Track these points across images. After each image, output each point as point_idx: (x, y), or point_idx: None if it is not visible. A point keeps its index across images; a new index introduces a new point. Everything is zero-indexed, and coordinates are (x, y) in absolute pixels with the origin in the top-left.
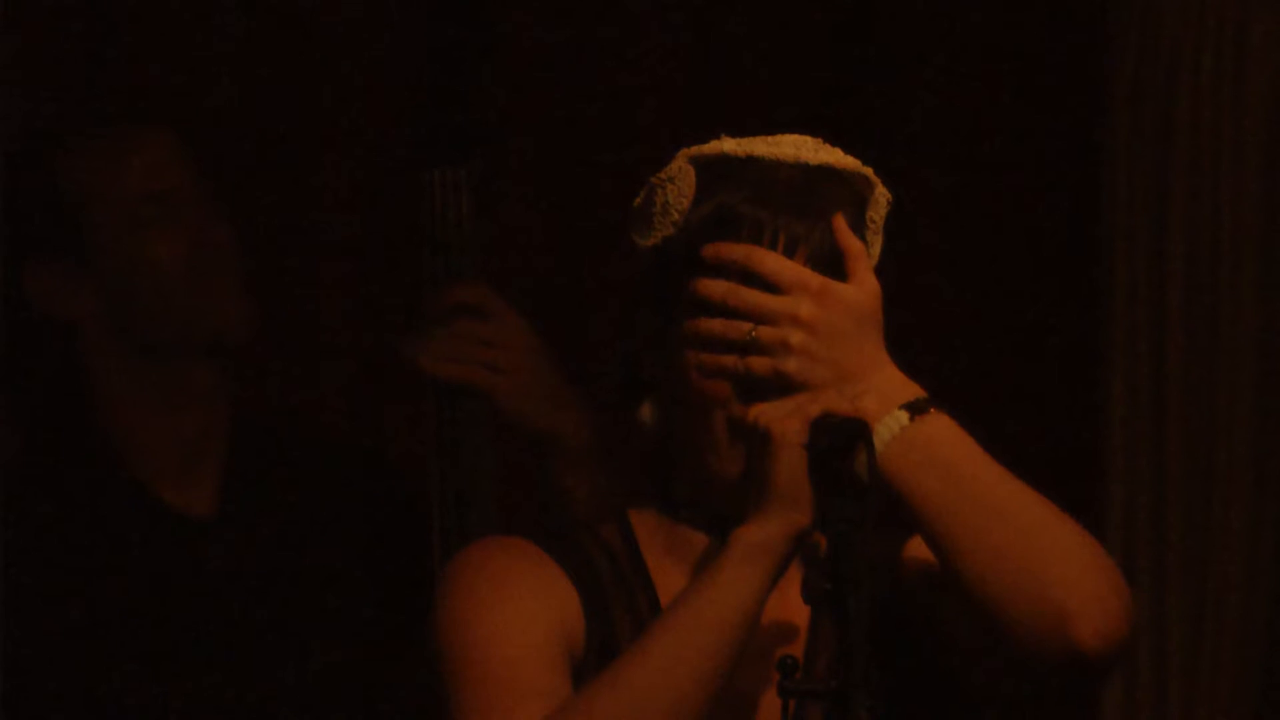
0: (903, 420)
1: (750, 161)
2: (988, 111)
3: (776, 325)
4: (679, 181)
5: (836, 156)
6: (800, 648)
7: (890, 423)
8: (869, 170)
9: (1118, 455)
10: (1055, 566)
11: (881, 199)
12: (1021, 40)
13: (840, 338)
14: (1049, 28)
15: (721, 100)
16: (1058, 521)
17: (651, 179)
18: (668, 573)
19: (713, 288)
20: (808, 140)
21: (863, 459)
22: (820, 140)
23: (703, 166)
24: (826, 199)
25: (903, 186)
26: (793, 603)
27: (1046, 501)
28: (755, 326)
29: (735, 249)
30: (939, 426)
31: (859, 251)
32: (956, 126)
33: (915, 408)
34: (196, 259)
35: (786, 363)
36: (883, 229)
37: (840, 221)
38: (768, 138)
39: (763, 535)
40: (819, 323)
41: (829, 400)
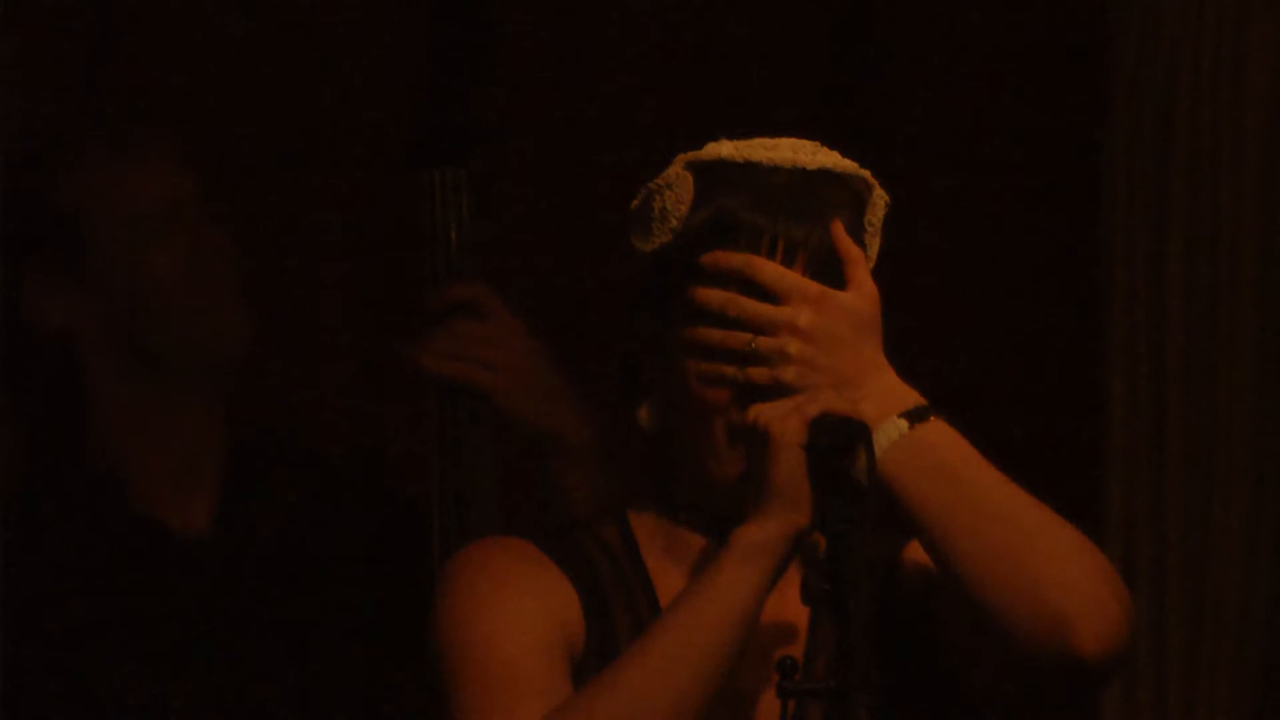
0: (902, 427)
1: (748, 166)
2: (988, 111)
3: (775, 334)
4: (677, 188)
5: (834, 159)
6: (799, 648)
7: (889, 429)
8: (866, 172)
9: (1117, 455)
10: (1054, 571)
11: (879, 201)
12: (1021, 40)
13: (839, 346)
14: (1049, 28)
15: (721, 100)
16: (1057, 527)
17: (649, 184)
18: (667, 573)
19: (711, 297)
20: (805, 144)
21: (862, 462)
22: (818, 143)
23: (700, 172)
24: (825, 203)
25: (902, 187)
26: (792, 603)
27: (1045, 507)
28: (754, 336)
29: (734, 258)
30: (938, 433)
31: (857, 257)
32: (956, 126)
33: (914, 414)
34: (196, 273)
35: (785, 372)
36: (880, 230)
37: (839, 227)
38: (765, 141)
39: (762, 535)
40: (818, 331)
41: (828, 400)
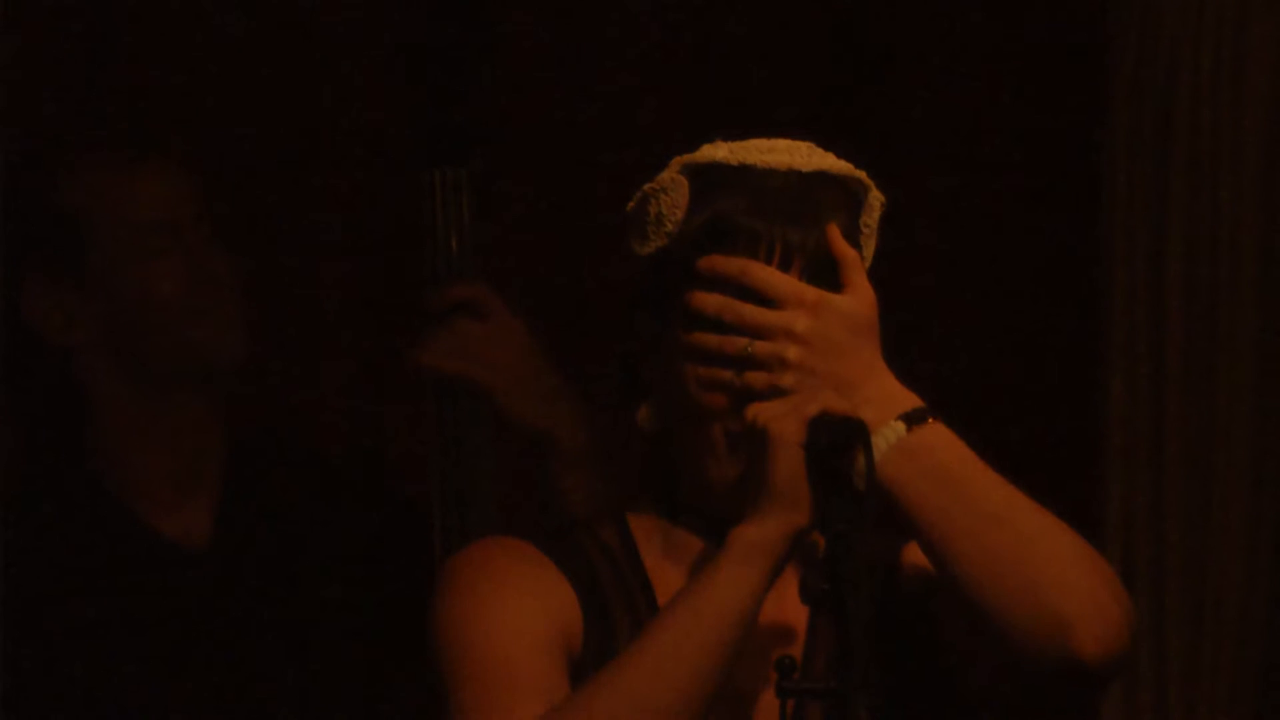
0: (900, 430)
1: (743, 170)
2: (988, 111)
3: (773, 340)
4: (672, 192)
5: (830, 161)
6: (798, 648)
7: (888, 433)
8: (862, 174)
9: (1117, 456)
10: (1054, 575)
11: (875, 202)
12: (1021, 40)
13: (837, 350)
14: (1049, 28)
15: (721, 100)
16: (1056, 530)
17: (645, 187)
18: (666, 574)
19: (709, 302)
20: (801, 145)
21: (861, 464)
22: (813, 145)
23: (695, 175)
24: (821, 205)
25: (902, 187)
26: (791, 604)
27: (1044, 510)
28: (752, 341)
29: (731, 263)
30: (936, 436)
31: (854, 260)
32: (956, 126)
33: (913, 417)
34: (195, 291)
35: (784, 377)
36: (876, 231)
37: (835, 231)
38: (760, 143)
39: (760, 534)
40: (815, 336)
41: (827, 399)
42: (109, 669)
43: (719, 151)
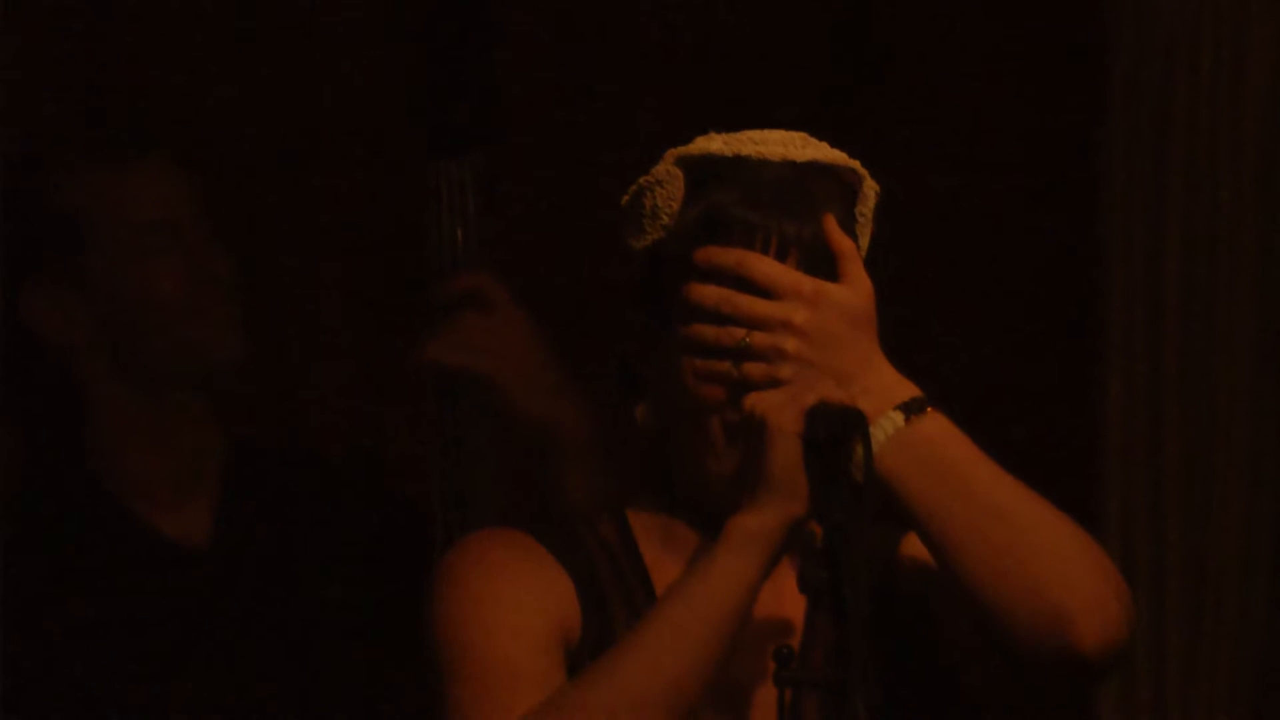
0: (898, 421)
1: (738, 161)
2: (987, 111)
3: (771, 331)
4: (667, 185)
5: (823, 151)
6: (796, 640)
7: (885, 423)
8: (856, 163)
9: (1115, 455)
10: (1054, 567)
11: (870, 192)
12: (1021, 40)
13: (835, 341)
14: (1048, 28)
15: (721, 100)
16: (1056, 521)
17: (640, 180)
18: (664, 567)
19: (706, 294)
20: (794, 136)
21: (859, 455)
22: (806, 135)
23: (690, 167)
24: (816, 196)
25: (902, 186)
26: (788, 596)
27: (1044, 501)
28: (749, 333)
29: (727, 254)
30: (935, 426)
31: (850, 251)
32: (956, 127)
33: (911, 408)
34: (194, 292)
35: (782, 369)
36: (872, 221)
37: (831, 221)
38: (754, 134)
39: (757, 524)
40: (813, 328)
41: (825, 389)
42: (109, 669)
43: (713, 143)
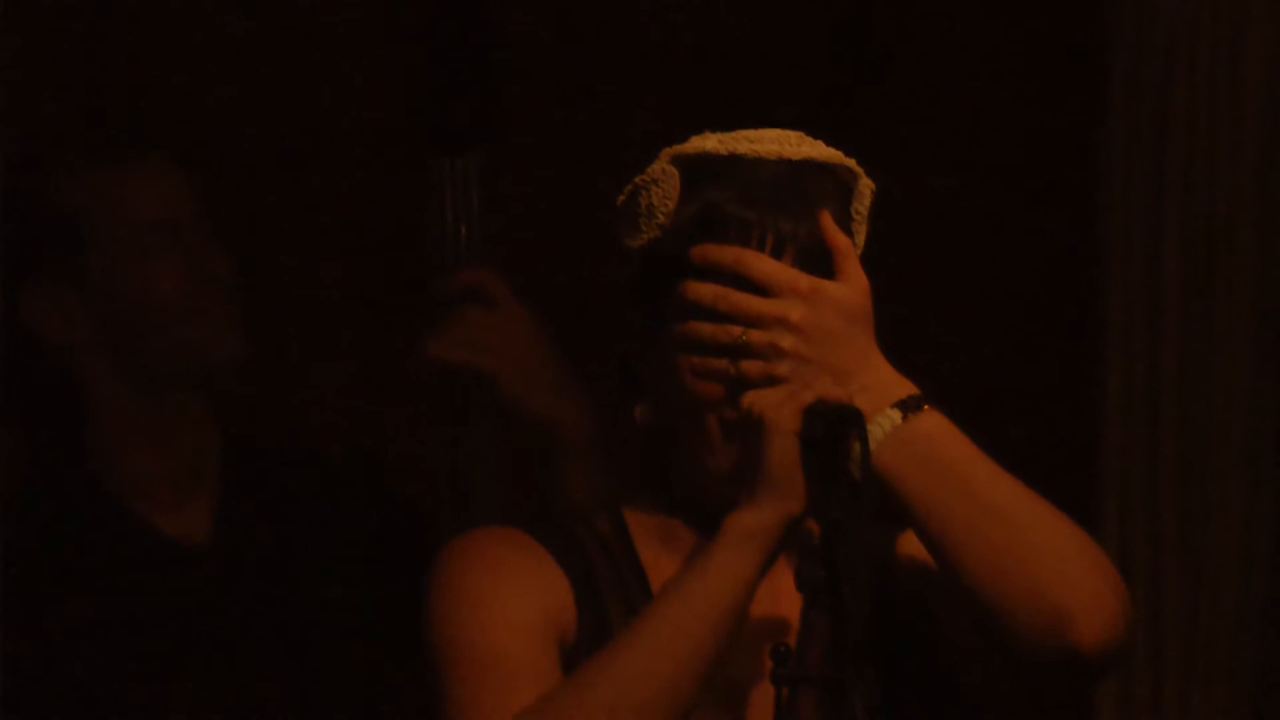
0: (895, 418)
1: (733, 159)
2: (987, 112)
3: (767, 329)
4: (663, 183)
5: (819, 149)
6: (792, 638)
7: (883, 420)
8: (851, 161)
9: (1114, 454)
10: (1053, 566)
11: (865, 190)
12: (1020, 40)
13: (832, 338)
14: (1048, 28)
15: (721, 100)
16: (1054, 519)
17: (635, 179)
18: (660, 564)
19: (702, 291)
20: (790, 134)
21: (857, 452)
22: (802, 134)
23: (685, 166)
24: (812, 194)
25: (902, 186)
26: (785, 594)
27: (1042, 499)
28: (746, 330)
29: (724, 252)
30: (932, 424)
31: (847, 248)
32: (956, 126)
33: (908, 405)
34: (194, 292)
35: (779, 366)
36: (868, 219)
37: (827, 219)
38: (749, 133)
39: (755, 522)
40: (810, 325)
41: (823, 387)
42: (109, 668)
43: (708, 142)
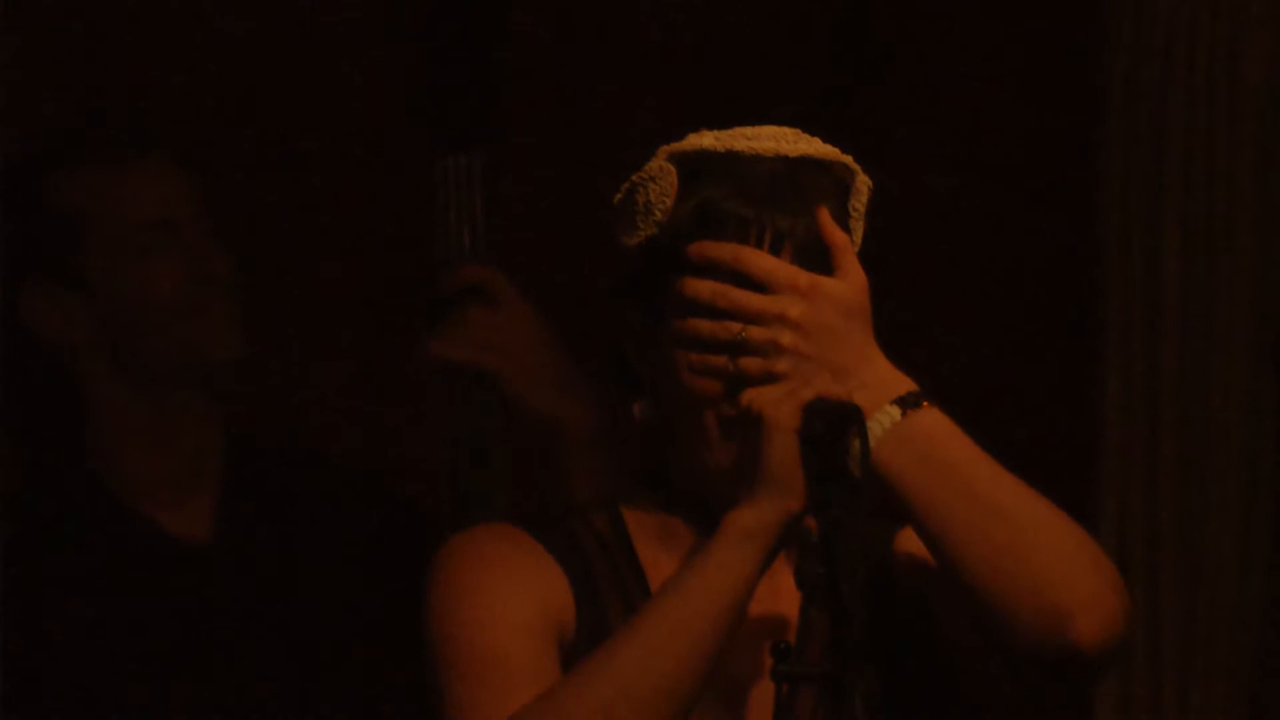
0: (894, 415)
1: (730, 157)
2: (987, 111)
3: (766, 325)
4: (660, 180)
5: (816, 146)
6: (792, 635)
7: (882, 418)
8: (849, 158)
9: (1112, 454)
10: (1053, 564)
11: (863, 187)
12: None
13: (830, 335)
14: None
15: (721, 100)
16: (1054, 517)
17: (633, 177)
18: (658, 561)
19: (700, 288)
20: (786, 131)
21: (856, 449)
22: (799, 131)
23: (683, 163)
24: (809, 191)
25: (902, 186)
26: (784, 591)
27: (1041, 497)
28: (745, 327)
29: (722, 248)
30: (931, 421)
31: (845, 244)
32: (956, 126)
33: (907, 402)
34: (193, 290)
35: (778, 363)
36: (865, 216)
37: (825, 215)
38: (746, 130)
39: (754, 520)
40: (808, 321)
41: (822, 384)
42: (110, 667)
43: (705, 139)
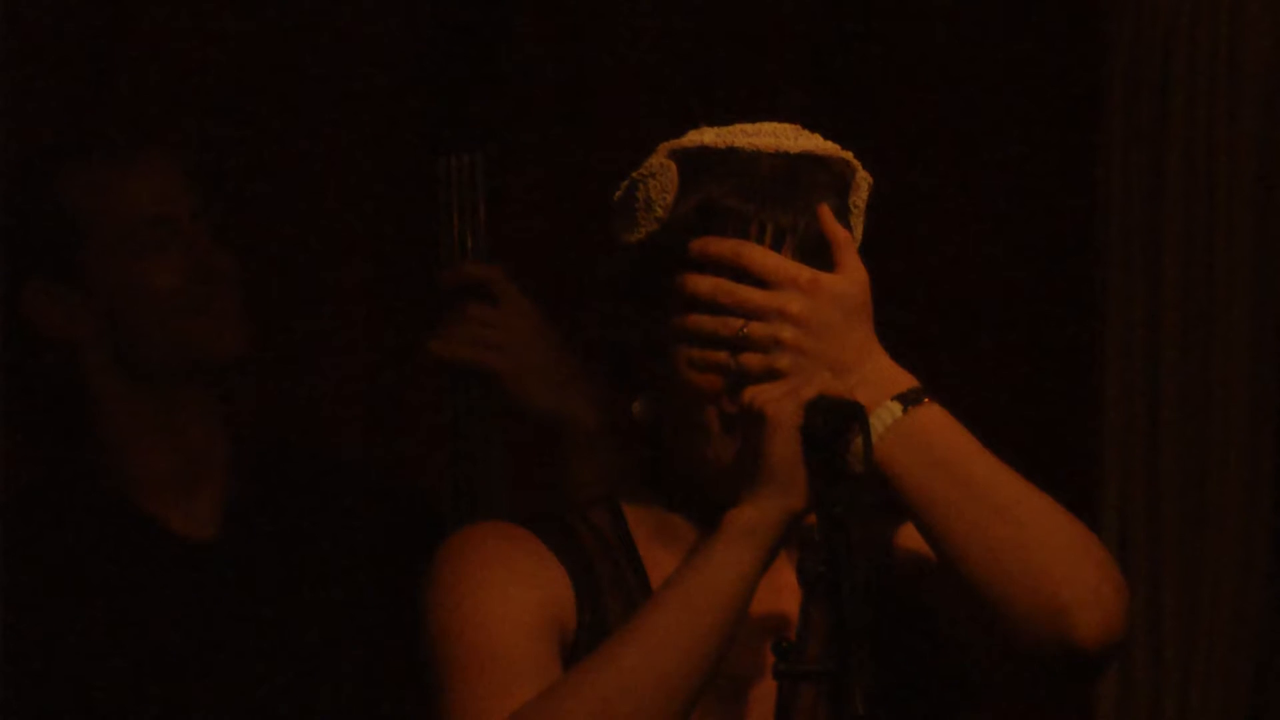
0: (896, 411)
1: (731, 153)
2: (988, 112)
3: (767, 321)
4: (661, 177)
5: (816, 142)
6: (793, 633)
7: (883, 414)
8: (849, 154)
9: (1113, 454)
10: (1053, 561)
11: (863, 183)
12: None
13: (831, 331)
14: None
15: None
16: (1054, 513)
17: (632, 174)
18: (658, 558)
19: (702, 284)
20: (786, 127)
21: (858, 446)
22: (799, 127)
23: (683, 160)
24: (810, 187)
25: (902, 186)
26: (785, 588)
27: (1042, 494)
28: (746, 323)
29: (723, 244)
30: (932, 417)
31: (846, 240)
32: (956, 125)
33: (908, 398)
34: (194, 286)
35: (779, 359)
36: (865, 211)
37: (826, 211)
38: (746, 126)
39: (756, 517)
40: (810, 317)
41: (824, 382)
42: (115, 663)
43: (705, 136)
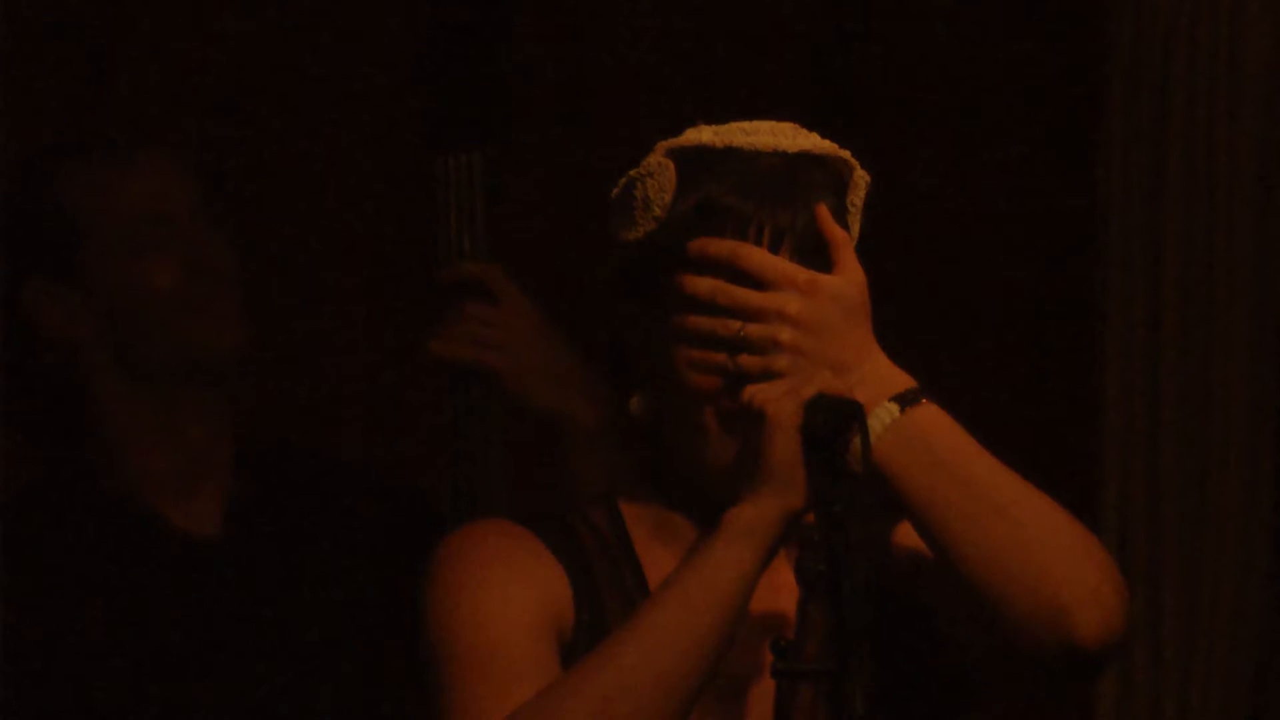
0: (894, 412)
1: (729, 152)
2: (987, 109)
3: (765, 322)
4: (659, 176)
5: (814, 141)
6: (791, 632)
7: (881, 414)
8: (846, 153)
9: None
10: (1052, 560)
11: (860, 181)
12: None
13: (829, 331)
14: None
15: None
16: (1053, 513)
17: (630, 173)
18: (657, 557)
19: (700, 285)
20: (785, 126)
21: (857, 446)
22: (797, 126)
23: (681, 159)
24: (808, 186)
25: (901, 185)
26: (784, 587)
27: (1041, 493)
28: (744, 324)
29: (721, 245)
30: (930, 417)
31: (844, 240)
32: (956, 124)
33: (906, 398)
34: (193, 284)
35: (778, 360)
36: (862, 211)
37: (824, 211)
38: (744, 125)
39: (755, 516)
40: (808, 318)
41: (824, 381)
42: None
43: (703, 134)
